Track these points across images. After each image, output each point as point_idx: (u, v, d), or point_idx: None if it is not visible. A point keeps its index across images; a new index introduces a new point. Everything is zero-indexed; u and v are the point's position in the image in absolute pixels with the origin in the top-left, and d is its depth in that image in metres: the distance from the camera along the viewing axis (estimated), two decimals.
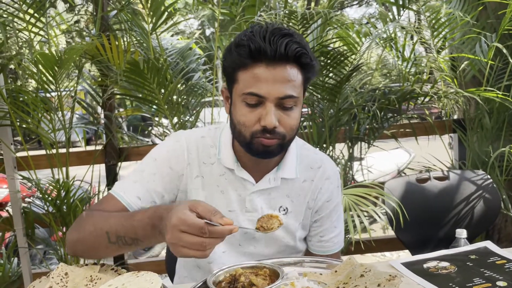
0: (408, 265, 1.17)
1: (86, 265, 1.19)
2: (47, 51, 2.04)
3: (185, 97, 2.53)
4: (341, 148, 2.66)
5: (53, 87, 2.18)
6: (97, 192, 2.51)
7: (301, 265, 1.19)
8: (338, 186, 1.36)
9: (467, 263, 1.16)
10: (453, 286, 1.03)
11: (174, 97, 2.40)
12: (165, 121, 2.81)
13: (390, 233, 3.61)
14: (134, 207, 1.18)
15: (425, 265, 1.17)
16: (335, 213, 1.34)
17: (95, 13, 2.44)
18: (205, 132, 1.30)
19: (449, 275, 1.09)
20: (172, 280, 1.61)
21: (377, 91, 2.55)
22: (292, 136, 1.16)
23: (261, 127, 1.09)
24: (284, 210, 1.27)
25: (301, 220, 1.30)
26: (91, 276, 1.15)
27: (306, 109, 2.62)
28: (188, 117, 2.56)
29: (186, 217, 0.89)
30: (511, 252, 1.20)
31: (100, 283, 1.12)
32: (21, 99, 2.21)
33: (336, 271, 1.08)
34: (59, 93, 2.25)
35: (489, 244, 1.27)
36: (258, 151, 1.14)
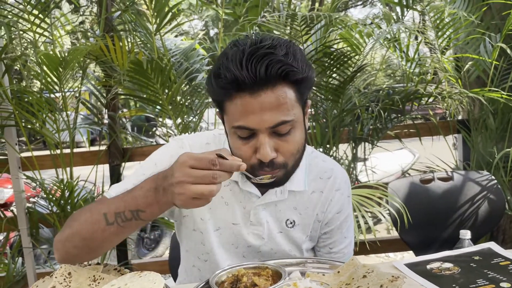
0: (411, 266, 1.17)
1: (90, 265, 1.20)
2: (51, 52, 2.05)
3: (188, 97, 2.53)
4: (344, 149, 2.66)
5: (57, 87, 2.19)
6: (100, 192, 2.51)
7: (304, 265, 1.19)
8: (349, 196, 1.29)
9: (471, 264, 1.15)
10: (456, 287, 1.02)
11: (178, 97, 2.41)
12: (169, 122, 2.81)
13: (394, 234, 3.60)
14: None
15: (428, 266, 1.16)
16: (345, 224, 1.27)
17: (99, 14, 2.45)
18: (210, 138, 1.23)
19: (453, 276, 1.09)
20: (175, 280, 1.61)
21: (380, 91, 2.54)
22: (296, 161, 1.07)
23: (257, 160, 1.01)
24: (291, 223, 1.21)
25: (309, 233, 1.24)
26: (94, 276, 1.15)
27: (310, 110, 2.62)
28: (191, 118, 2.57)
29: (195, 153, 0.88)
30: None
31: (103, 283, 1.12)
32: (26, 99, 2.22)
33: (338, 272, 1.08)
34: (63, 94, 2.26)
35: (493, 245, 1.27)
36: (261, 185, 1.10)
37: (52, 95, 2.29)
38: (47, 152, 2.42)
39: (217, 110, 1.10)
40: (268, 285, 1.02)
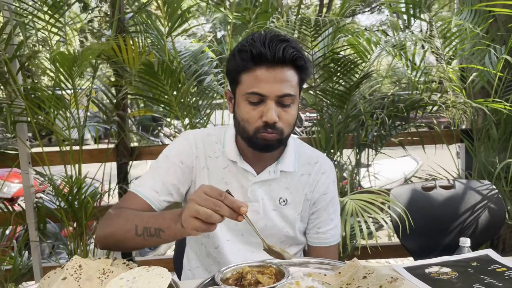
0: (410, 269, 1.21)
1: (99, 258, 1.24)
2: (65, 51, 2.10)
3: (196, 99, 2.58)
4: (348, 154, 2.69)
5: (69, 85, 2.24)
6: (107, 190, 2.56)
7: (306, 266, 1.23)
8: (334, 181, 1.46)
9: (468, 269, 1.19)
10: None
11: (187, 98, 2.45)
12: (176, 122, 2.86)
13: (395, 240, 3.63)
14: (153, 200, 1.31)
15: (426, 270, 1.20)
16: (331, 206, 1.44)
17: (111, 15, 2.50)
18: (211, 130, 1.45)
19: (450, 280, 1.13)
20: (179, 277, 1.66)
21: (385, 99, 2.58)
22: (289, 132, 1.28)
23: (263, 122, 1.21)
24: (284, 201, 1.38)
25: (300, 211, 1.40)
26: (103, 269, 1.20)
27: (315, 114, 2.66)
28: (199, 119, 2.61)
29: (212, 185, 1.02)
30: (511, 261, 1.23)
31: (112, 276, 1.16)
32: (37, 96, 2.27)
33: (339, 273, 1.12)
34: (74, 92, 2.31)
35: (490, 252, 1.30)
36: (260, 146, 1.26)
37: (63, 93, 2.34)
38: (55, 149, 2.48)
39: (227, 90, 1.34)
40: (271, 283, 1.06)
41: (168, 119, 2.78)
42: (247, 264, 1.18)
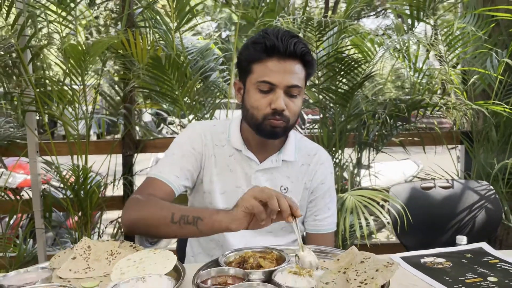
0: (406, 258, 1.26)
1: (107, 240, 1.29)
2: (75, 43, 2.15)
3: (201, 94, 2.62)
4: (349, 153, 2.73)
5: (79, 77, 2.29)
6: (112, 181, 2.61)
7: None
8: (332, 172, 1.55)
9: (462, 260, 1.24)
10: (447, 278, 1.11)
11: (192, 94, 2.50)
12: (177, 120, 2.91)
13: (392, 240, 3.66)
14: (175, 184, 1.37)
15: (422, 260, 1.25)
16: (328, 195, 1.52)
17: (121, 9, 2.55)
18: (216, 122, 1.55)
19: (444, 269, 1.17)
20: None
21: (388, 100, 2.63)
22: (294, 121, 1.36)
23: (271, 110, 1.29)
24: (285, 189, 1.46)
25: (299, 199, 1.48)
26: (111, 250, 1.25)
27: (317, 117, 2.71)
28: (204, 114, 2.66)
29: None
30: (505, 254, 1.27)
31: (120, 257, 1.22)
32: (48, 87, 2.32)
33: (338, 260, 1.16)
34: (83, 84, 2.36)
35: (484, 246, 1.35)
36: (267, 132, 1.33)
37: (72, 84, 2.40)
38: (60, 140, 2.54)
39: (236, 80, 1.42)
40: (272, 267, 1.11)
41: (171, 118, 2.83)
42: (250, 250, 1.23)
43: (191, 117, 2.60)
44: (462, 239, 1.48)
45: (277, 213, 1.08)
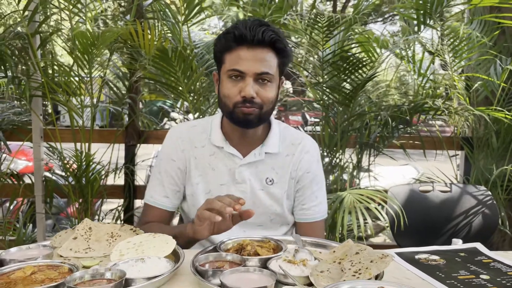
0: (401, 254, 1.27)
1: (108, 223, 1.32)
2: (85, 31, 2.17)
3: (206, 88, 2.65)
4: (350, 153, 2.75)
5: (87, 65, 2.32)
6: (114, 169, 2.63)
7: (303, 245, 1.30)
8: (318, 160, 1.56)
9: (456, 258, 1.26)
10: (440, 274, 1.13)
11: (197, 86, 2.52)
12: (180, 117, 2.93)
13: (388, 242, 3.68)
14: (167, 205, 1.49)
15: (416, 256, 1.27)
16: (315, 184, 1.52)
17: (130, 1, 2.58)
18: (197, 122, 1.56)
19: (438, 266, 1.19)
20: None
21: (391, 100, 2.64)
22: (269, 108, 1.37)
23: (241, 98, 1.31)
24: (271, 181, 1.47)
25: (286, 189, 1.48)
26: (112, 232, 1.27)
27: (319, 119, 2.72)
28: (207, 108, 2.68)
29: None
30: (498, 255, 1.29)
31: (120, 239, 1.24)
32: (56, 74, 2.35)
33: (334, 251, 1.18)
34: (90, 72, 2.38)
35: (479, 246, 1.37)
36: (239, 119, 1.35)
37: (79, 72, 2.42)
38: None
39: (215, 72, 1.44)
40: (269, 255, 1.13)
41: (174, 114, 2.85)
42: (248, 238, 1.25)
43: (195, 114, 2.62)
44: (457, 242, 1.49)
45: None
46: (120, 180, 2.72)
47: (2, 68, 2.27)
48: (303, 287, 0.91)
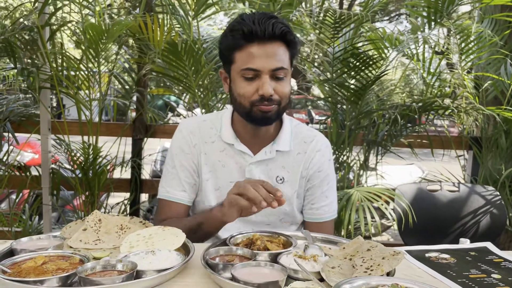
0: (411, 252, 1.27)
1: (118, 215, 1.32)
2: (95, 23, 2.17)
3: (215, 83, 2.64)
4: (357, 152, 2.74)
5: (95, 58, 2.31)
6: (121, 163, 2.64)
7: (313, 241, 1.29)
8: (330, 160, 1.52)
9: (466, 257, 1.25)
10: (451, 273, 1.12)
11: (205, 81, 2.52)
12: (185, 113, 2.93)
13: (392, 241, 3.67)
14: (185, 200, 1.45)
15: (427, 254, 1.26)
16: (326, 183, 1.49)
17: None
18: (207, 117, 1.53)
19: (448, 264, 1.19)
20: None
21: (400, 99, 2.63)
22: (286, 103, 1.34)
23: (259, 96, 1.28)
24: (281, 179, 1.44)
25: (296, 188, 1.46)
26: (121, 225, 1.27)
27: (324, 117, 2.71)
28: (215, 104, 2.68)
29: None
30: (509, 254, 1.28)
31: (129, 232, 1.24)
32: (64, 64, 2.35)
33: (344, 248, 1.18)
34: (98, 64, 2.38)
35: (489, 245, 1.36)
36: (258, 118, 1.32)
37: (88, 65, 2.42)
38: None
39: (221, 70, 1.40)
40: (279, 250, 1.13)
41: (180, 110, 2.83)
42: (257, 232, 1.25)
43: (203, 110, 2.62)
44: (465, 241, 1.48)
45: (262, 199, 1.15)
46: (126, 174, 2.72)
47: (12, 59, 2.28)
48: (318, 282, 0.91)
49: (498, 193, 2.19)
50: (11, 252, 1.07)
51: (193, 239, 1.22)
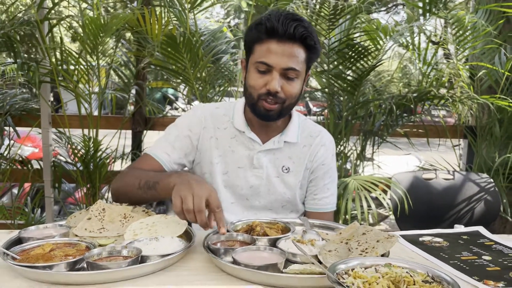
0: (405, 236, 1.31)
1: (121, 205, 1.36)
2: (93, 16, 2.19)
3: (213, 76, 2.67)
4: (354, 142, 2.78)
5: (94, 51, 2.34)
6: (121, 155, 2.67)
7: (311, 227, 1.34)
8: (333, 155, 1.59)
9: (459, 241, 1.29)
10: (443, 255, 1.16)
11: (203, 74, 2.54)
12: (183, 106, 2.95)
13: (392, 231, 3.71)
14: (164, 161, 1.45)
15: (420, 239, 1.30)
16: (328, 176, 1.56)
17: None
18: (220, 104, 1.58)
19: (441, 247, 1.23)
20: None
21: (394, 90, 2.66)
22: (291, 103, 1.39)
23: (266, 90, 1.33)
24: (287, 169, 1.50)
25: (300, 179, 1.52)
26: (125, 214, 1.31)
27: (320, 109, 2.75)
28: (213, 96, 2.71)
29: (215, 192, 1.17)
30: (501, 238, 1.33)
31: (132, 220, 1.28)
32: (63, 58, 2.37)
33: (340, 233, 1.22)
34: (97, 58, 2.40)
35: (481, 229, 1.40)
36: (260, 113, 1.38)
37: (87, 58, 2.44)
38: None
39: (243, 59, 1.47)
40: (278, 236, 1.17)
41: (179, 103, 2.86)
42: (257, 219, 1.29)
43: (199, 102, 2.65)
44: (459, 227, 1.53)
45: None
46: (127, 166, 2.75)
47: (12, 54, 2.30)
48: (316, 262, 0.95)
49: (492, 180, 2.23)
50: (19, 240, 1.11)
51: (139, 195, 1.33)
